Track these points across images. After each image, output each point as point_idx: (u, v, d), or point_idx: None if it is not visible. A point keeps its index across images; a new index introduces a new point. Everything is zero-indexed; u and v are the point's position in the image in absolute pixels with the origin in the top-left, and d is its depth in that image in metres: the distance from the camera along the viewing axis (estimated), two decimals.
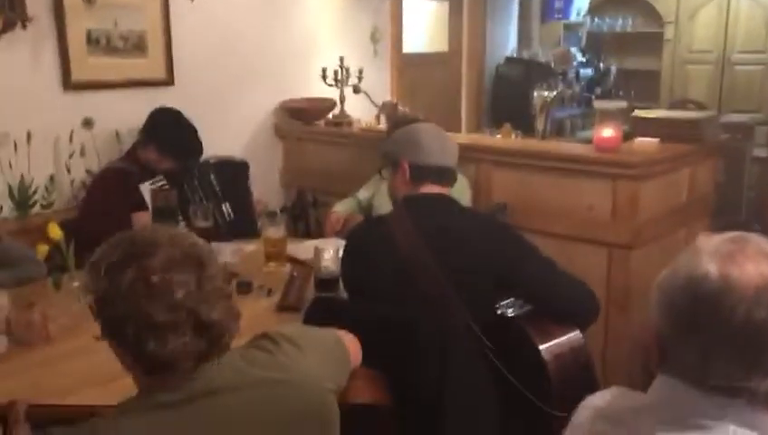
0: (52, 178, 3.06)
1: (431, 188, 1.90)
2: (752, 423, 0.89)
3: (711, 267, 0.89)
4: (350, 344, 1.38)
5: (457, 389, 1.55)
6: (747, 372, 0.88)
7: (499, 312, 1.82)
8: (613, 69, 6.37)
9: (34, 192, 3.01)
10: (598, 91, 6.15)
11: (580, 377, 1.70)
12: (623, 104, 2.82)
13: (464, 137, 3.50)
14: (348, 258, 1.92)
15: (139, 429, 1.03)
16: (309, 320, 1.70)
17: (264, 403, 1.10)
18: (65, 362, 1.73)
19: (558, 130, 5.32)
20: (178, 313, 1.01)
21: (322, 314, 1.68)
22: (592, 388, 1.34)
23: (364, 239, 1.92)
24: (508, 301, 1.87)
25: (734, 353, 0.88)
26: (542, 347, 1.70)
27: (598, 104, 2.89)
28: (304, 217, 3.65)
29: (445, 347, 1.55)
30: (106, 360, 1.16)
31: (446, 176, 1.94)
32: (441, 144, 1.96)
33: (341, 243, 2.53)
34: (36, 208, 3.02)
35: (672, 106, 5.50)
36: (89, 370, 1.62)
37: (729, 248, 0.91)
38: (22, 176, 2.96)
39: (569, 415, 1.07)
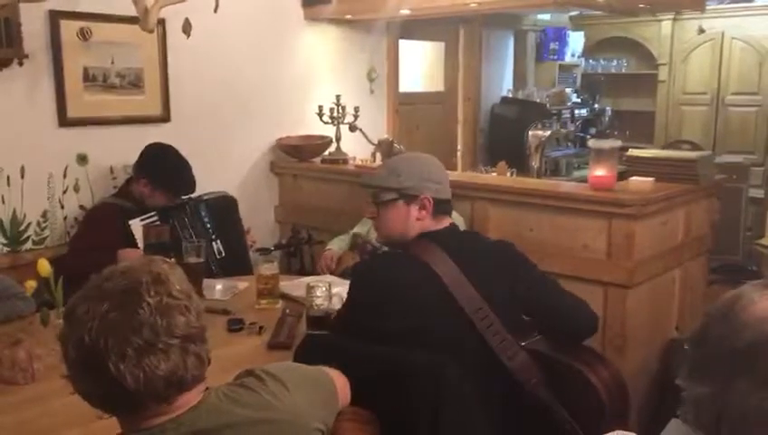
0: (45, 214, 3.05)
1: (447, 221, 1.92)
2: None
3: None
4: (339, 382, 1.35)
5: (450, 428, 1.51)
6: None
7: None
8: (608, 109, 6.42)
9: (27, 228, 2.99)
10: (593, 131, 6.18)
11: (623, 404, 1.69)
12: (617, 143, 2.82)
13: (459, 174, 3.50)
14: (366, 288, 1.82)
15: None
16: (299, 358, 1.66)
17: None
18: (50, 400, 1.69)
19: (554, 170, 5.34)
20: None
21: (313, 351, 1.64)
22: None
23: (391, 272, 1.82)
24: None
25: None
26: (590, 376, 1.69)
27: (592, 143, 2.89)
28: (299, 254, 3.63)
29: (439, 385, 1.52)
30: None
31: (451, 207, 1.97)
32: (446, 175, 1.98)
33: (335, 280, 2.52)
34: (28, 244, 3.01)
35: (667, 146, 5.53)
36: (73, 409, 1.58)
37: None
38: (14, 211, 2.95)
39: None
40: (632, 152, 3.12)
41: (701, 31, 5.97)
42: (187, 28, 2.28)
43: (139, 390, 1.00)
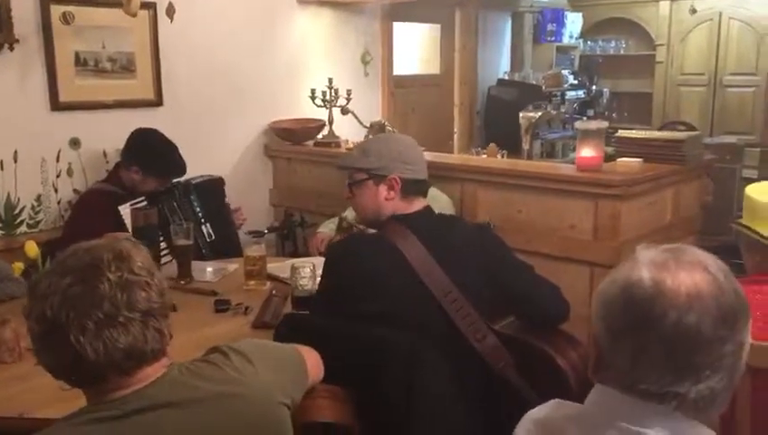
0: (38, 198, 3.08)
1: (420, 203, 1.90)
2: (678, 429, 0.90)
3: (645, 274, 0.91)
4: (310, 359, 1.38)
5: (426, 408, 1.54)
6: (676, 377, 0.89)
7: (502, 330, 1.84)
8: (606, 91, 6.41)
9: (21, 211, 3.03)
10: (590, 113, 6.17)
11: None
12: (604, 124, 2.83)
13: (448, 156, 3.52)
14: (338, 272, 1.83)
15: None
16: (278, 336, 1.70)
17: (209, 417, 1.10)
18: (35, 377, 1.72)
19: (550, 152, 5.35)
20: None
21: (290, 330, 1.68)
22: None
23: (361, 254, 1.83)
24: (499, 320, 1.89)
25: (664, 358, 0.89)
26: (559, 359, 1.69)
27: (579, 124, 2.89)
28: (292, 236, 3.66)
29: (414, 365, 1.55)
30: None
31: (427, 188, 1.96)
32: (422, 156, 1.96)
33: (321, 261, 2.54)
34: (23, 228, 3.04)
35: (662, 128, 5.52)
36: (58, 385, 1.61)
37: (664, 257, 0.93)
38: (8, 195, 2.98)
39: None
40: (621, 133, 3.14)
41: (693, 11, 5.94)
42: (170, 11, 2.29)
43: (99, 362, 1.04)
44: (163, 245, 2.74)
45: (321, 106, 3.86)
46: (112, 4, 3.03)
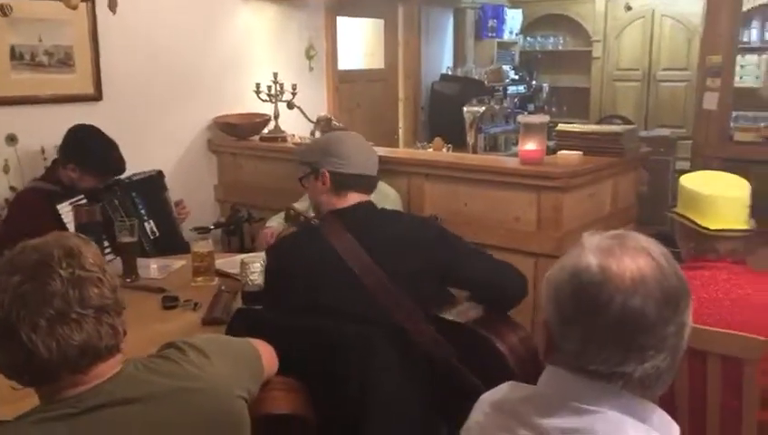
0: None
1: (354, 198, 1.92)
2: (627, 406, 0.94)
3: (592, 260, 0.95)
4: (264, 352, 1.39)
5: (381, 398, 1.56)
6: (623, 358, 0.93)
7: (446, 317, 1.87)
8: (545, 86, 6.57)
9: None
10: (531, 107, 6.31)
11: (534, 368, 1.75)
12: (546, 118, 2.91)
13: (395, 151, 3.55)
14: (275, 266, 1.89)
15: None
16: (230, 331, 1.70)
17: (168, 413, 1.10)
18: None
19: (492, 146, 5.44)
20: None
21: (242, 325, 1.68)
22: None
23: (295, 248, 1.89)
24: (450, 308, 1.93)
25: (611, 340, 0.93)
26: (498, 344, 1.73)
27: (521, 118, 2.96)
28: (239, 232, 3.63)
29: (366, 356, 1.57)
30: None
31: (368, 184, 1.98)
32: (362, 152, 1.99)
33: None
34: None
35: (599, 122, 5.69)
36: (9, 385, 1.57)
37: (609, 243, 0.97)
38: None
39: None
40: (561, 127, 3.22)
41: (628, 8, 6.13)
42: (112, 5, 2.25)
43: (52, 359, 1.03)
44: (106, 243, 2.68)
45: (266, 101, 3.83)
46: None
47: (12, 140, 3.06)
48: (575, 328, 0.96)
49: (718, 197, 1.80)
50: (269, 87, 3.81)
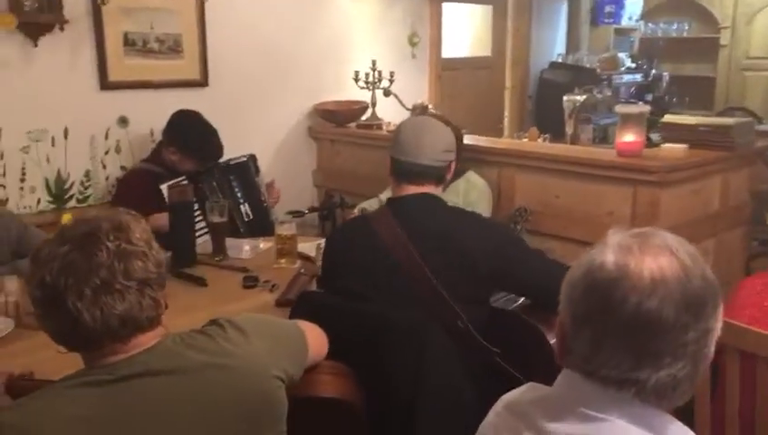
0: (87, 174, 3.20)
1: (409, 189, 1.87)
2: (638, 416, 0.87)
3: (609, 257, 0.89)
4: (312, 335, 1.39)
5: (433, 388, 1.54)
6: (636, 363, 0.87)
7: (497, 305, 1.83)
8: (666, 75, 6.19)
9: (71, 186, 3.15)
10: (649, 97, 5.98)
11: None
12: (646, 108, 2.74)
13: (485, 139, 3.47)
14: (327, 250, 1.94)
15: (63, 405, 1.08)
16: (294, 314, 1.72)
17: (195, 387, 1.12)
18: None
19: (602, 138, 5.20)
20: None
21: (306, 307, 1.70)
22: None
23: (345, 234, 1.93)
24: (504, 296, 1.88)
25: (624, 343, 0.87)
26: (548, 334, 1.66)
27: (619, 108, 2.81)
28: (331, 217, 3.69)
29: (422, 345, 1.55)
30: None
31: (419, 174, 1.86)
32: (414, 137, 1.89)
33: None
34: (72, 202, 3.17)
35: (721, 114, 5.30)
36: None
37: (630, 241, 0.91)
38: (59, 171, 3.11)
39: None
40: (667, 119, 3.03)
41: None
42: None
43: (96, 327, 1.08)
44: (203, 223, 2.79)
45: (364, 88, 3.86)
46: None
47: (123, 122, 3.26)
48: (586, 329, 0.90)
49: None
50: (367, 74, 3.84)
